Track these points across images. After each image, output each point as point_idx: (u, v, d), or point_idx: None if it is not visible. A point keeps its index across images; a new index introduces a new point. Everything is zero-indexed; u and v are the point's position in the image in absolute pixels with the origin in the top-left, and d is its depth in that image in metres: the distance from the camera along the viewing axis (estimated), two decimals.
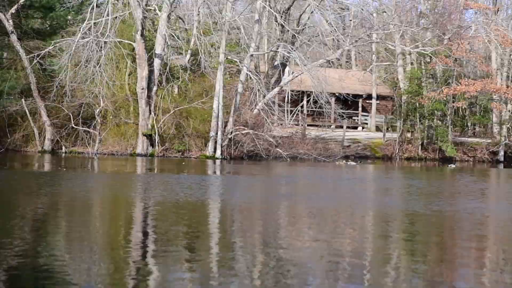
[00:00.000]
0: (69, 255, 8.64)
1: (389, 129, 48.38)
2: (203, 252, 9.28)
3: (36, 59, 39.05)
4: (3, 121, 42.98)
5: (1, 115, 43.27)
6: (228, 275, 7.80)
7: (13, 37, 41.01)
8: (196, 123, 40.25)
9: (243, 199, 16.56)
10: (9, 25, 40.85)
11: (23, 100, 41.92)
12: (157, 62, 39.89)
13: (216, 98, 38.27)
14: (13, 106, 42.45)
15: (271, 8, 41.77)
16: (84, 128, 40.61)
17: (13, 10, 41.61)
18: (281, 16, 43.47)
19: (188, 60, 42.86)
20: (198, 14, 41.07)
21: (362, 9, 46.48)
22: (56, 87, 38.92)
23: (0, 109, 43.17)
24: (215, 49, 42.35)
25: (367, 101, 56.16)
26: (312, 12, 45.72)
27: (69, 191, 17.23)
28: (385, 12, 50.94)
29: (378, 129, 52.61)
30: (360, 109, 56.45)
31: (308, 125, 48.84)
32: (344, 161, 39.84)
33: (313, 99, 43.97)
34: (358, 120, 56.61)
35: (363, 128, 55.26)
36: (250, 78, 40.13)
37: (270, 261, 8.73)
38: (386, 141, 46.74)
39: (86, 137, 40.50)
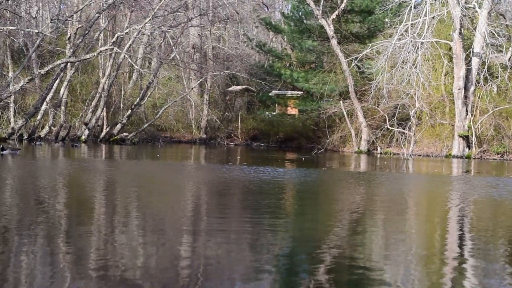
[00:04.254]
0: (384, 255, 8.66)
1: None
2: None
3: (354, 62, 40.33)
4: (323, 123, 45.35)
5: (321, 117, 45.70)
6: None
7: (333, 42, 42.89)
8: None
9: None
10: (330, 30, 42.83)
11: (341, 102, 43.65)
12: (475, 61, 38.48)
13: None
14: (332, 108, 44.46)
15: None
16: (399, 129, 40.84)
17: (334, 15, 43.58)
18: None
19: (509, 58, 40.62)
20: None
21: None
22: (373, 89, 39.73)
23: (321, 111, 45.57)
24: None
25: None
26: None
27: (384, 190, 17.40)
28: None
29: None
30: None
31: None
32: None
33: None
34: None
35: None
36: None
37: None
38: None
39: (401, 138, 40.68)
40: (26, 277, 6.64)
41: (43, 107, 42.71)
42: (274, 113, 52.84)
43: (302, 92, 50.11)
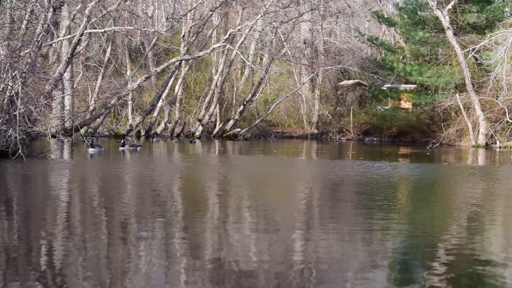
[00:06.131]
0: (504, 255, 8.28)
1: None
2: None
3: (470, 53, 39.00)
4: (438, 116, 44.16)
5: (436, 110, 44.53)
6: None
7: (449, 33, 41.63)
8: None
9: None
10: (445, 21, 41.61)
11: (457, 95, 42.33)
12: None
13: None
14: (448, 101, 43.20)
15: None
16: None
17: (449, 6, 42.30)
18: None
19: None
20: None
21: None
22: (492, 81, 38.30)
23: (435, 104, 44.39)
24: None
25: None
26: None
27: (505, 186, 16.74)
28: None
29: None
30: None
31: None
32: None
33: None
34: None
35: None
36: None
37: None
38: None
39: None
40: (142, 274, 6.82)
41: (159, 104, 44.00)
42: (387, 107, 51.96)
43: (415, 85, 48.99)
